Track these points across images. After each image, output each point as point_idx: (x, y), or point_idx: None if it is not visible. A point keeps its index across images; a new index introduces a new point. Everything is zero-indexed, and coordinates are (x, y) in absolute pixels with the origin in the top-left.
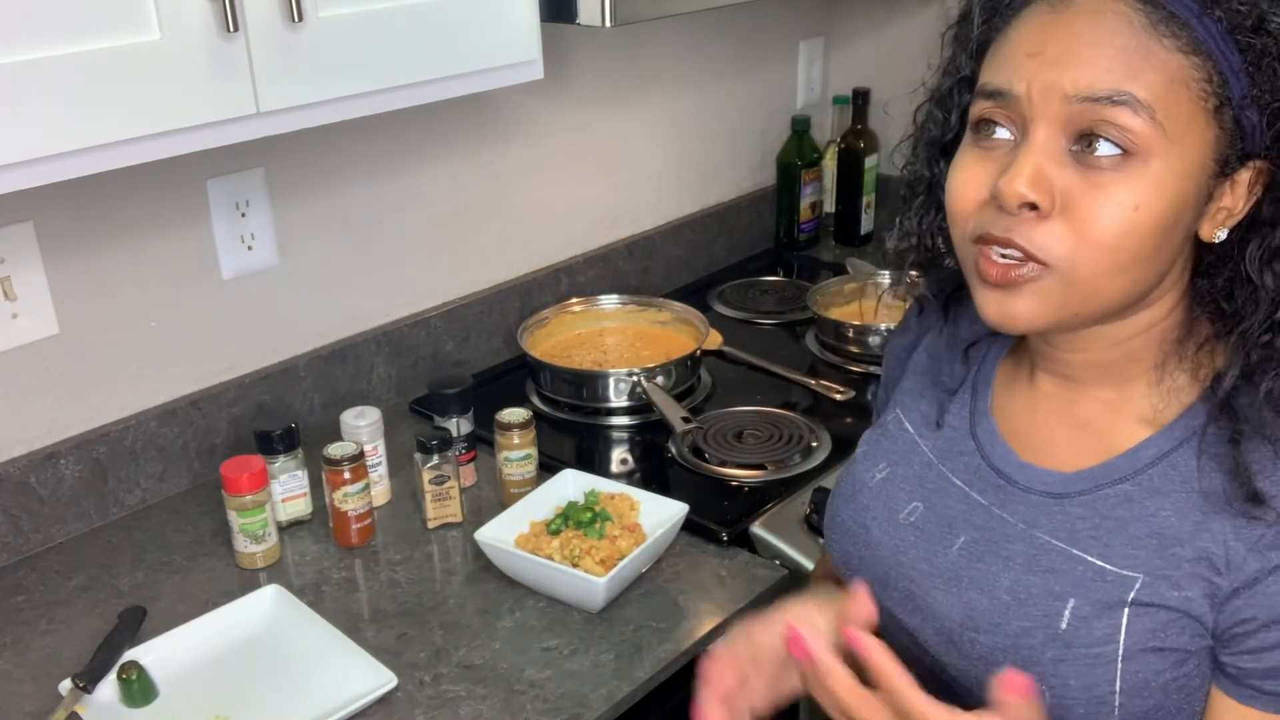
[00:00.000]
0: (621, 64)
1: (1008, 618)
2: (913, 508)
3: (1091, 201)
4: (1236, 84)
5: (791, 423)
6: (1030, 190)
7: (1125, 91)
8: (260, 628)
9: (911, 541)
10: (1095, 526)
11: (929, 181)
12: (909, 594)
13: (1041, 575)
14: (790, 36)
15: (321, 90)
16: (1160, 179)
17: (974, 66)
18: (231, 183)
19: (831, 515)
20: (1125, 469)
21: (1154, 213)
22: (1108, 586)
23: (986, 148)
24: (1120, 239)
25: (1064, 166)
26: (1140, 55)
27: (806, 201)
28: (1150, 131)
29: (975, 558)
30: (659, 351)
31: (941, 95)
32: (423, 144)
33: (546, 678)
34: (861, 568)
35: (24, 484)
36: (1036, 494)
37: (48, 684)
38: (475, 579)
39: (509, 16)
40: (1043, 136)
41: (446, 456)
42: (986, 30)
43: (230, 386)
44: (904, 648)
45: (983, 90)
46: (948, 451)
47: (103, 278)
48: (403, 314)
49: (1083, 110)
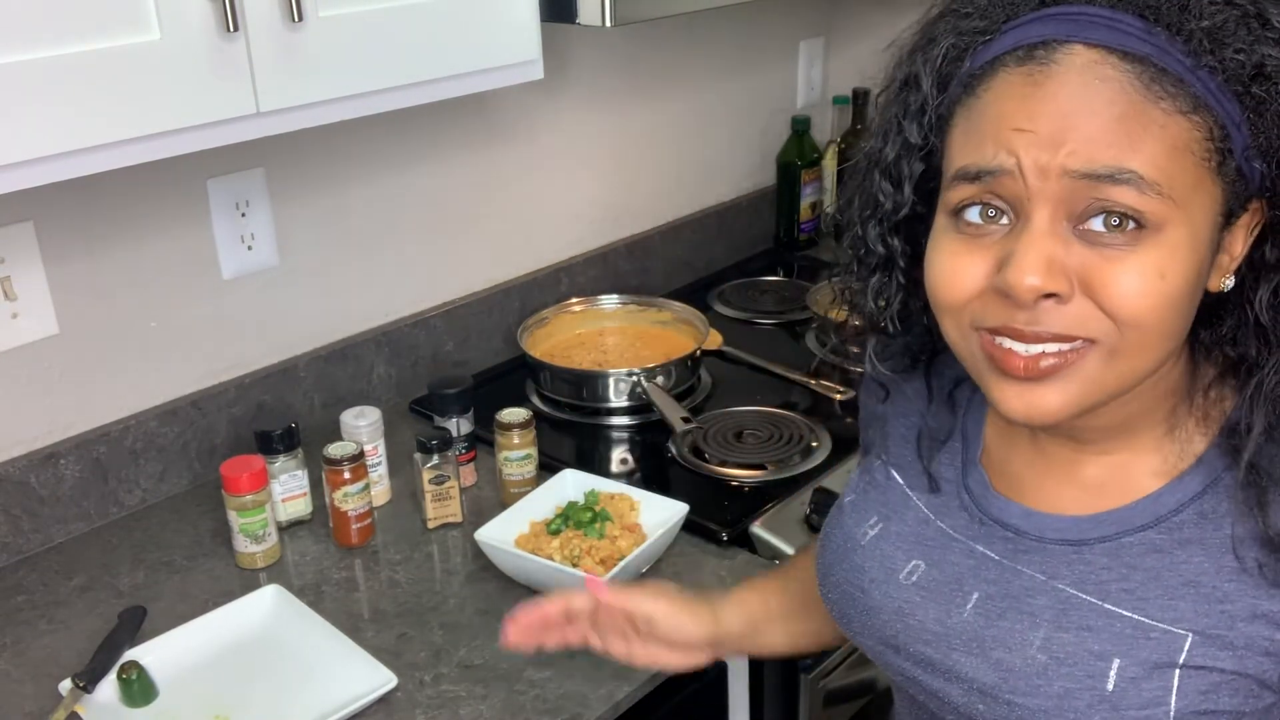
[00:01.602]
0: (621, 64)
1: (1048, 679)
2: (913, 566)
3: (1114, 277)
4: (1238, 136)
5: (791, 423)
6: (1047, 280)
7: (1127, 170)
8: (260, 628)
9: (918, 603)
10: (1124, 578)
11: (885, 259)
12: (926, 658)
13: (1075, 632)
14: (790, 36)
15: (321, 90)
16: (1177, 244)
17: (930, 139)
18: (231, 183)
19: (824, 571)
20: (1148, 515)
21: (1181, 280)
22: (1153, 645)
23: (972, 235)
24: (1156, 312)
25: (1071, 245)
26: (1139, 124)
27: (806, 201)
28: (1158, 205)
29: (996, 615)
30: (659, 351)
31: (889, 164)
32: (423, 144)
33: (546, 678)
34: (865, 632)
35: (24, 484)
36: (1051, 542)
37: (48, 684)
38: (475, 579)
39: (509, 16)
40: (1044, 218)
41: (446, 456)
42: (943, 104)
43: (230, 386)
44: (923, 703)
45: (964, 174)
46: (944, 507)
47: (103, 278)
48: (403, 314)
49: (1084, 187)
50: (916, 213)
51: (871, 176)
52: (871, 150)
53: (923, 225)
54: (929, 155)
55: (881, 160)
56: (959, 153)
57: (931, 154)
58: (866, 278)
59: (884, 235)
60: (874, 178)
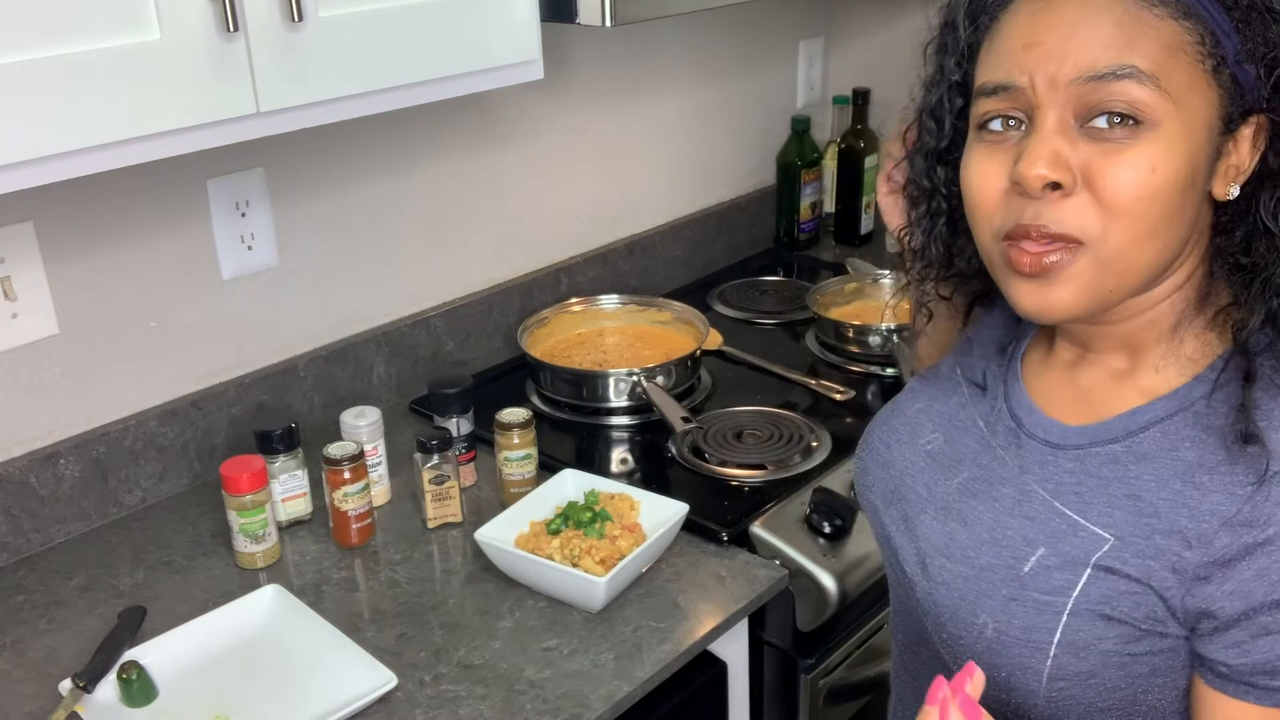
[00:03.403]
0: (621, 64)
1: (979, 551)
2: (933, 437)
3: (1111, 169)
4: (1229, 43)
5: (791, 423)
6: (1051, 170)
7: (1128, 65)
8: (260, 628)
9: (922, 467)
10: (1079, 483)
11: (929, 191)
12: (905, 515)
13: (1020, 520)
14: (790, 36)
15: (321, 90)
16: (1172, 140)
17: (966, 70)
18: (231, 183)
19: (866, 433)
20: (1119, 430)
21: (1171, 172)
22: (1077, 542)
23: (994, 141)
24: (1143, 202)
25: (1077, 143)
26: (1135, 26)
27: (806, 201)
28: (1156, 98)
29: (969, 494)
30: (659, 351)
31: (932, 106)
32: (423, 144)
33: (546, 678)
34: (875, 484)
35: (24, 484)
36: (1037, 441)
37: (48, 684)
38: (475, 579)
39: (509, 16)
40: (1052, 120)
41: (446, 456)
42: (974, 33)
43: (230, 386)
44: (890, 564)
45: (983, 89)
46: (983, 396)
47: (103, 278)
48: (403, 314)
49: (1089, 90)
50: (954, 155)
51: (921, 122)
52: (921, 101)
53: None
54: (966, 89)
55: (927, 104)
56: (981, 71)
57: (968, 86)
58: (920, 211)
59: (930, 169)
60: (921, 122)
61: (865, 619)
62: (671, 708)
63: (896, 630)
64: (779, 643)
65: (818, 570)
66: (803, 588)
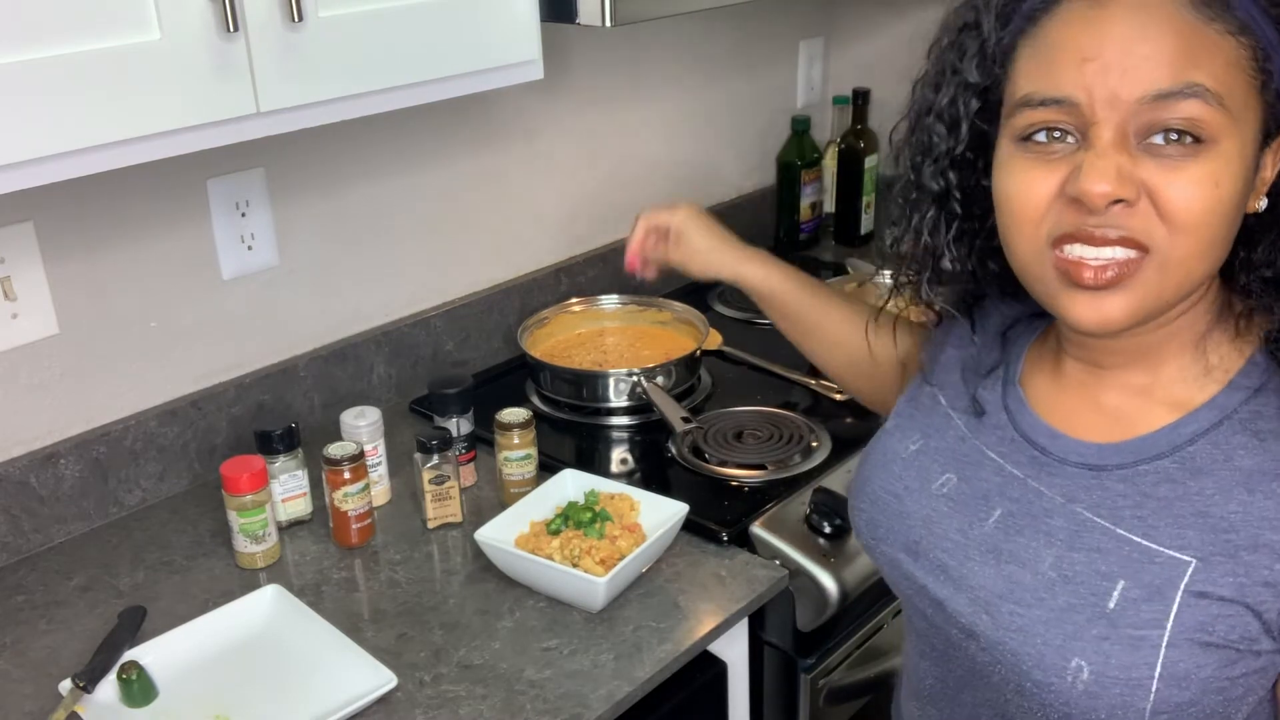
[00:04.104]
0: (621, 64)
1: (1053, 593)
2: (946, 479)
3: (1176, 185)
4: (1277, 58)
5: (791, 423)
6: (1117, 187)
7: (1194, 83)
8: (260, 628)
9: (945, 513)
10: (1138, 505)
11: (939, 194)
12: (941, 564)
13: (1086, 553)
14: (790, 36)
15: (321, 90)
16: (1230, 157)
17: (991, 73)
18: (231, 183)
19: (861, 483)
20: (1164, 445)
21: (1232, 189)
22: (1157, 569)
23: (1040, 154)
24: (1207, 216)
25: (1137, 158)
26: (1197, 42)
27: (806, 201)
28: (1218, 116)
29: (1014, 531)
30: (659, 351)
31: (942, 108)
32: (423, 144)
33: (546, 678)
34: (890, 536)
35: (24, 484)
36: (1072, 466)
37: (48, 684)
38: (475, 579)
39: (509, 16)
40: (1110, 135)
41: (446, 456)
42: (1005, 36)
43: (230, 386)
44: (928, 616)
45: (1029, 100)
46: (981, 425)
47: (103, 278)
48: (403, 314)
49: (1152, 107)
50: (966, 157)
51: (923, 124)
52: (921, 101)
53: (970, 169)
54: (985, 93)
55: (935, 107)
56: (1025, 80)
57: (988, 91)
58: (924, 214)
59: (940, 172)
60: (925, 124)
61: (865, 619)
62: (671, 708)
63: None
64: (779, 643)
65: (818, 570)
66: (803, 588)
